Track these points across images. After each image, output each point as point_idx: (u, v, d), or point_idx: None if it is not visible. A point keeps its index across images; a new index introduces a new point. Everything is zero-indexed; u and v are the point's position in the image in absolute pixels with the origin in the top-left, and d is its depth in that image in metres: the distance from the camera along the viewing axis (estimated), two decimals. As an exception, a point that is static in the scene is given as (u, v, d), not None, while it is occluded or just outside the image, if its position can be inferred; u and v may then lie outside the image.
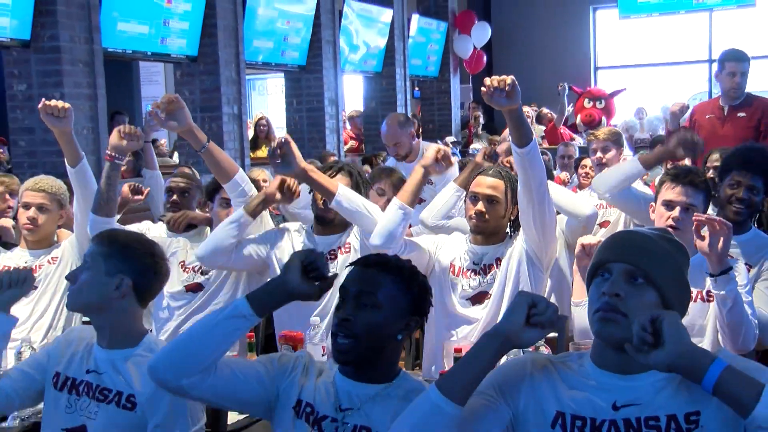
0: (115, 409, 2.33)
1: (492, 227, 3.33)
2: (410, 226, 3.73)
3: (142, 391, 2.32)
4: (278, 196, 3.62)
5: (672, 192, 3.06)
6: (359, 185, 3.63)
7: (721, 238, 2.69)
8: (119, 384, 2.35)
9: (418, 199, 3.41)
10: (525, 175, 3.10)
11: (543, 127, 11.50)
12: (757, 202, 3.51)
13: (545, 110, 11.75)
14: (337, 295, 2.11)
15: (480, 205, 3.28)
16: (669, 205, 3.06)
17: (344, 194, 3.37)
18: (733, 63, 5.51)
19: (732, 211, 3.44)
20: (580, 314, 3.07)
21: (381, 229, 3.28)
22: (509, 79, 2.95)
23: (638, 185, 4.19)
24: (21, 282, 2.48)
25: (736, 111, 5.46)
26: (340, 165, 3.81)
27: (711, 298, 3.06)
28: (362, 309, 2.04)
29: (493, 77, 3.03)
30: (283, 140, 3.34)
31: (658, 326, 1.65)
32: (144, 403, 2.31)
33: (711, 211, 3.59)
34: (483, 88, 3.05)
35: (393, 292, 2.05)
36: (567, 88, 11.09)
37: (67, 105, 3.67)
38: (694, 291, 3.02)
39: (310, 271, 2.05)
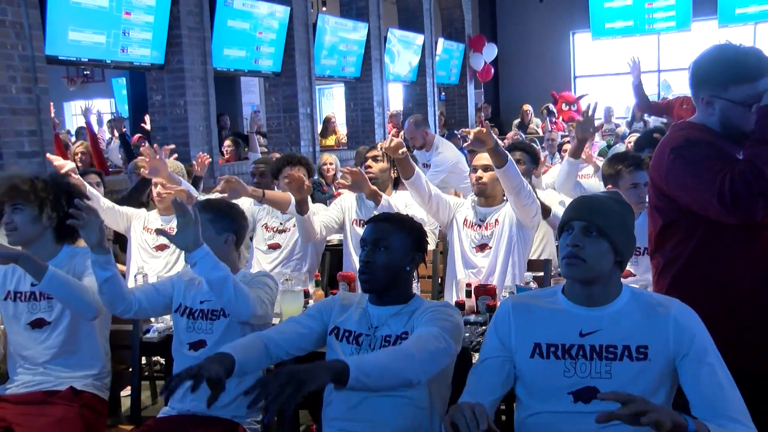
0: (224, 320, 2.34)
1: (489, 189, 3.23)
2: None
3: None
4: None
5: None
6: None
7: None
8: None
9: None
10: (505, 182, 3.06)
11: (539, 121, 11.44)
12: None
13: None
14: None
15: (479, 173, 3.22)
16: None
17: (385, 200, 3.42)
18: (686, 70, 5.40)
19: None
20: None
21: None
22: (483, 131, 2.90)
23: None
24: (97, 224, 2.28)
25: None
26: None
27: None
28: (378, 252, 2.01)
29: (473, 130, 2.95)
30: (356, 170, 3.36)
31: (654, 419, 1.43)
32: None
33: None
34: (465, 143, 3.02)
35: (399, 237, 2.02)
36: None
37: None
38: (643, 246, 2.94)
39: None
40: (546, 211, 3.45)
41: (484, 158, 3.24)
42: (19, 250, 2.39)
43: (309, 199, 3.45)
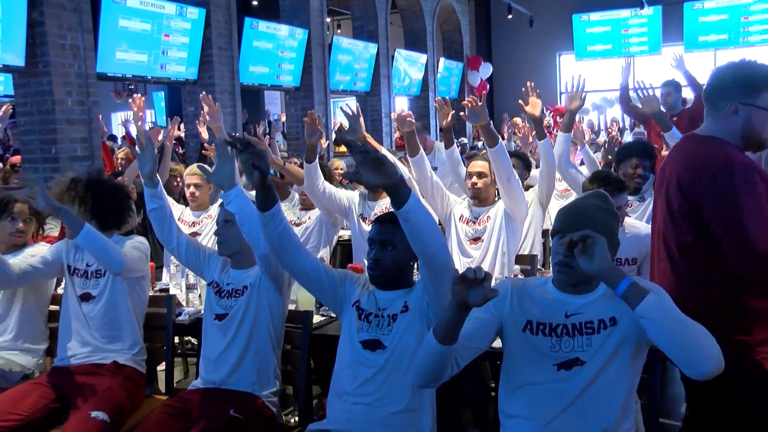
0: (243, 299, 2.34)
1: (484, 192, 3.25)
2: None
3: (254, 279, 2.34)
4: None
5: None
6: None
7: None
8: (245, 282, 2.37)
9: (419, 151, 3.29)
10: (496, 163, 3.06)
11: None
12: (647, 175, 3.51)
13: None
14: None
15: (474, 179, 3.23)
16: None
17: (384, 153, 3.37)
18: (659, 88, 5.42)
19: (635, 183, 3.46)
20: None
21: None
22: (479, 104, 2.95)
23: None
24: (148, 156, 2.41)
25: (672, 117, 5.30)
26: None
27: (635, 263, 2.93)
28: (385, 251, 2.00)
29: (470, 99, 2.99)
30: (356, 113, 3.29)
31: (591, 245, 1.60)
32: (256, 281, 2.33)
33: None
34: (462, 113, 3.04)
35: (400, 235, 1.91)
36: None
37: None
38: (623, 257, 2.87)
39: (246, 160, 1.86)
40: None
41: (478, 166, 3.26)
42: (59, 205, 2.48)
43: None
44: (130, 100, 3.91)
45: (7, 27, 4.80)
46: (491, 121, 3.01)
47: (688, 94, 6.45)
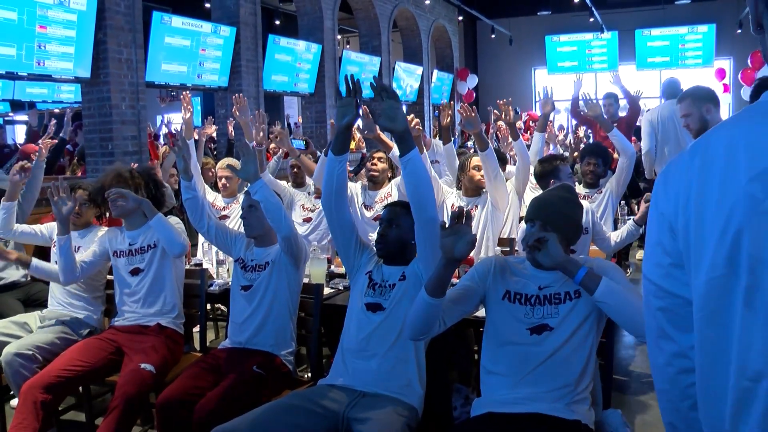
0: (265, 273, 2.32)
1: (479, 185, 3.20)
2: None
3: (274, 256, 2.32)
4: None
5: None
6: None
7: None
8: (267, 258, 2.35)
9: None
10: (485, 164, 3.03)
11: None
12: (600, 171, 3.61)
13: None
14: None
15: (480, 171, 3.16)
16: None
17: (393, 151, 3.31)
18: (602, 99, 5.58)
19: (588, 178, 3.58)
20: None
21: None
22: (473, 115, 2.92)
23: None
24: (184, 154, 2.37)
25: (614, 122, 5.37)
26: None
27: (586, 232, 2.93)
28: (390, 228, 2.02)
29: (464, 107, 2.96)
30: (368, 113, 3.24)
31: (545, 244, 1.61)
32: (276, 258, 2.32)
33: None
34: (459, 123, 3.01)
35: (406, 218, 1.99)
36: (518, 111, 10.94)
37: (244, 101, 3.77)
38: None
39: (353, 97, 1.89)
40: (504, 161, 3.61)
41: (476, 160, 3.22)
42: (142, 198, 2.54)
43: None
44: (182, 96, 3.85)
45: (79, 46, 4.96)
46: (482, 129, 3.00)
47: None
